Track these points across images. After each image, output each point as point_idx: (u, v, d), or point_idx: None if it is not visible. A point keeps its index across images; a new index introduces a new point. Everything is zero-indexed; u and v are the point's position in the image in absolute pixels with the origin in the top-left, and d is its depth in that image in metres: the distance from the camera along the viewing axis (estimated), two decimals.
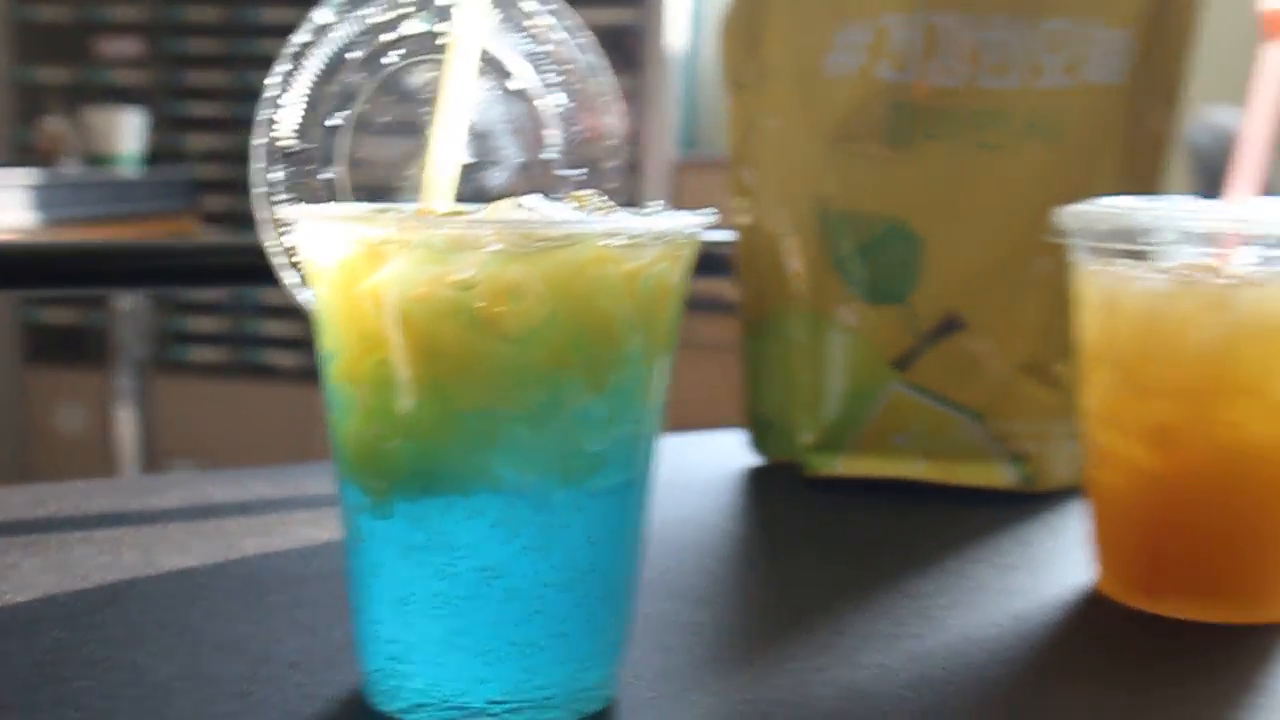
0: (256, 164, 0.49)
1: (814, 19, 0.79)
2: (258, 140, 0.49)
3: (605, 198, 0.47)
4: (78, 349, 3.29)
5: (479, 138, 0.53)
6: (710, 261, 0.70)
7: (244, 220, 3.22)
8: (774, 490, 0.78)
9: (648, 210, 0.46)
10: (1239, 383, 0.56)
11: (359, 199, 0.52)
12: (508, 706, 0.44)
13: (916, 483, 0.77)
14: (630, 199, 0.50)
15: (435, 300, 0.41)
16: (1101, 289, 0.59)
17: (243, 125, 3.23)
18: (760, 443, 0.83)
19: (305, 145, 0.51)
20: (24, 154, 3.22)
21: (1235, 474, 0.56)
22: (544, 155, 0.55)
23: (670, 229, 0.43)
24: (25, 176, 2.44)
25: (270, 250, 0.50)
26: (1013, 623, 0.56)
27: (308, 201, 0.50)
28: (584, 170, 0.55)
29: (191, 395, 3.21)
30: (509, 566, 0.43)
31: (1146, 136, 0.77)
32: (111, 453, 2.76)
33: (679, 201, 2.99)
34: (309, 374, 3.19)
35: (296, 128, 0.50)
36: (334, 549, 0.64)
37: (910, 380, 0.76)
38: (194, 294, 3.25)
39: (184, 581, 0.59)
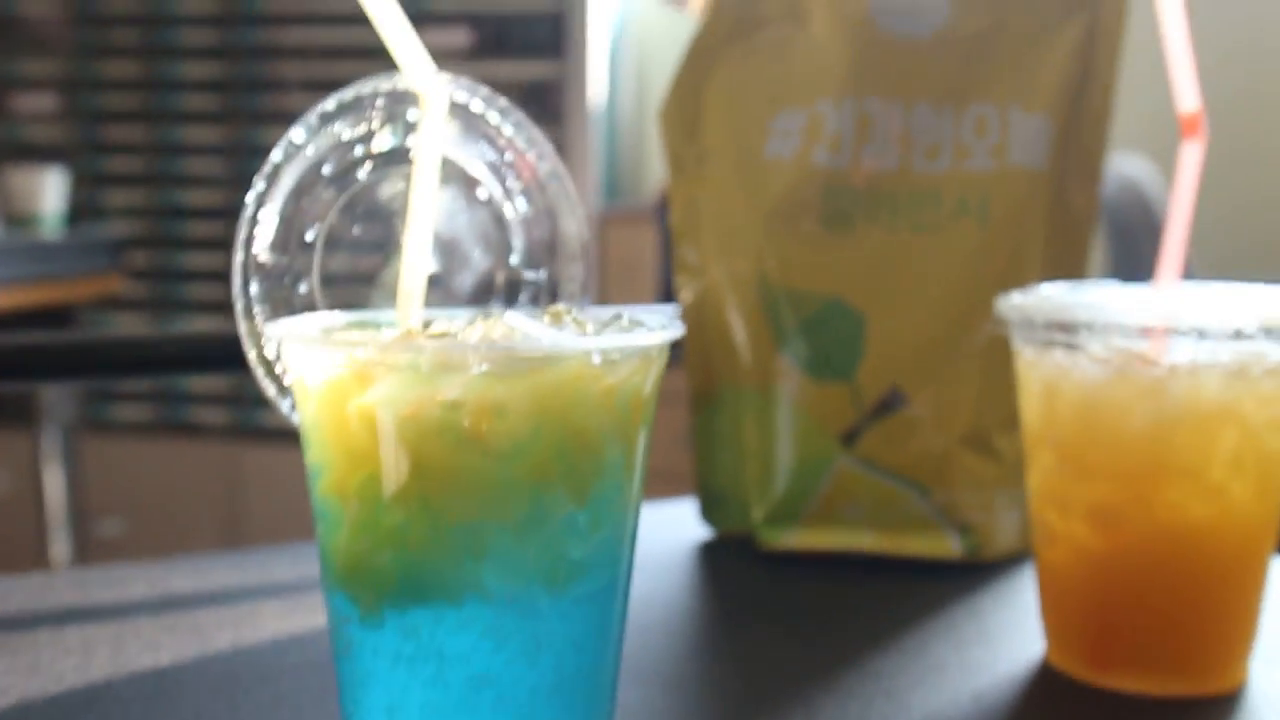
0: (235, 279, 0.50)
1: (750, 105, 0.81)
2: (236, 256, 0.50)
3: (577, 310, 0.48)
4: (3, 411, 3.23)
5: (447, 244, 0.54)
6: None
7: (165, 276, 3.20)
8: (729, 564, 0.79)
9: (616, 321, 0.48)
10: (1177, 465, 0.58)
11: (333, 308, 0.53)
12: None
13: (868, 554, 0.79)
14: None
15: (423, 419, 0.43)
16: (1041, 376, 0.61)
17: (163, 180, 3.21)
18: (712, 515, 0.84)
19: (280, 260, 0.52)
20: None
21: (1176, 552, 0.59)
22: (509, 259, 0.56)
23: (643, 344, 0.45)
24: None
25: (250, 362, 0.51)
26: (972, 702, 0.58)
27: (284, 314, 0.52)
28: (544, 271, 0.57)
29: (119, 454, 3.16)
30: (498, 674, 0.44)
31: (1070, 215, 0.80)
32: (40, 513, 2.71)
33: (605, 252, 3.02)
34: (235, 430, 3.17)
35: (271, 243, 0.51)
36: (307, 640, 0.65)
37: (857, 454, 0.78)
38: None
39: (159, 682, 0.60)
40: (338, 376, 0.44)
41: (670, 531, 0.85)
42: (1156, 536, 0.59)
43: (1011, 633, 0.67)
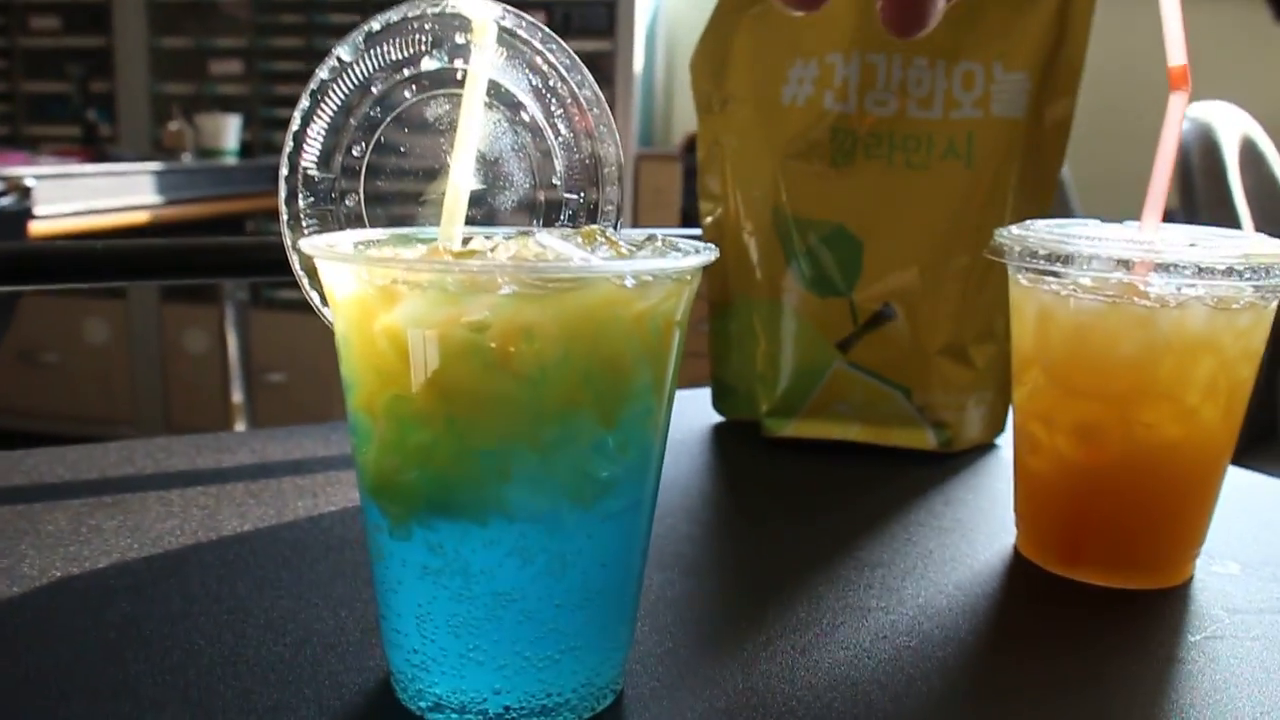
0: (281, 192, 0.37)
1: (771, 56, 0.66)
2: (281, 170, 0.37)
3: (610, 231, 0.35)
4: (199, 290, 3.12)
5: (491, 164, 0.41)
6: None
7: None
8: (737, 448, 0.66)
9: (650, 243, 0.34)
10: (1157, 390, 0.44)
11: (378, 224, 0.39)
12: (523, 712, 0.33)
13: (854, 443, 0.65)
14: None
15: (449, 341, 0.29)
16: (1037, 303, 0.47)
17: None
18: (722, 404, 0.71)
19: (327, 175, 0.38)
20: (155, 148, 3.03)
21: (1148, 467, 0.45)
22: (550, 180, 0.42)
23: (677, 267, 0.31)
24: (155, 166, 2.27)
25: (295, 272, 0.38)
26: (959, 592, 0.45)
27: (332, 228, 0.38)
28: (583, 194, 0.43)
29: (281, 325, 3.05)
30: (524, 591, 0.31)
31: (1042, 159, 0.65)
32: (225, 367, 2.61)
33: (639, 184, 2.85)
34: None
35: (318, 158, 0.38)
36: None
37: (850, 360, 0.65)
38: None
39: (240, 548, 0.48)
40: (364, 294, 0.30)
41: (686, 417, 0.72)
42: (1133, 453, 0.45)
43: (983, 522, 0.54)
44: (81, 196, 1.77)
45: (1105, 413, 0.45)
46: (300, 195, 0.37)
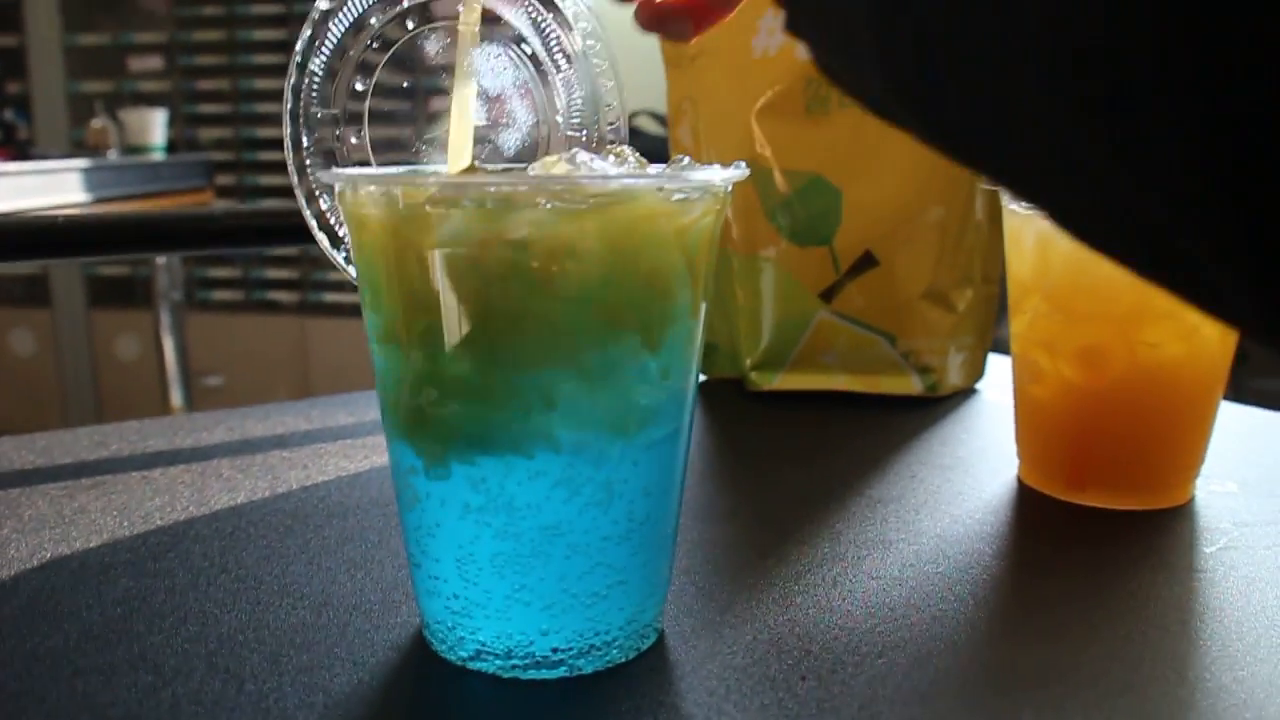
0: (287, 129, 0.35)
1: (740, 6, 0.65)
2: (286, 105, 0.35)
3: (638, 154, 0.34)
4: (129, 294, 3.03)
5: (493, 101, 0.39)
6: None
7: (248, 192, 2.98)
8: (723, 403, 0.66)
9: (677, 164, 0.33)
10: (1159, 308, 0.45)
11: (380, 162, 0.38)
12: (571, 653, 0.31)
13: (838, 393, 0.65)
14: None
15: (489, 262, 0.28)
16: (1036, 231, 0.47)
17: (243, 120, 2.98)
18: (704, 363, 0.71)
19: (329, 112, 0.36)
20: (77, 147, 2.92)
21: (1151, 387, 0.46)
22: (553, 117, 0.41)
23: (717, 181, 0.30)
24: (78, 164, 2.19)
25: (302, 212, 0.36)
26: (973, 522, 0.45)
27: (334, 165, 0.36)
28: (584, 133, 0.42)
29: (215, 327, 2.97)
30: (571, 524, 0.30)
31: None
32: (161, 371, 2.54)
33: None
34: (303, 308, 2.99)
35: (320, 95, 0.36)
36: (367, 479, 0.51)
37: (834, 309, 0.64)
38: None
39: (236, 520, 0.46)
40: (396, 217, 0.29)
41: None
42: (1137, 373, 0.46)
43: (981, 458, 0.54)
44: (6, 196, 1.70)
45: (1109, 335, 0.45)
46: (305, 135, 0.35)
